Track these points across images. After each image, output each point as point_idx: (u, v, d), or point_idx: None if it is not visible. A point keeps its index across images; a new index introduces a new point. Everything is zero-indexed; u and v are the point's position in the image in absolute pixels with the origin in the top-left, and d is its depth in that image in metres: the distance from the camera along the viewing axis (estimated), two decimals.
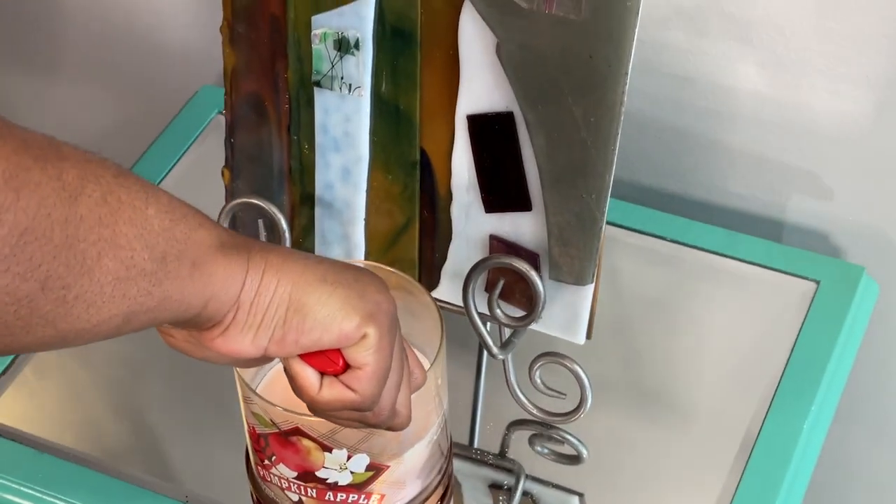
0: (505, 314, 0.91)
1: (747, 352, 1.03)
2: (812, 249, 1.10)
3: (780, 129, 1.08)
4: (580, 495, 0.99)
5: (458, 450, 1.00)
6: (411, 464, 0.88)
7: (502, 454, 1.00)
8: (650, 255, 1.08)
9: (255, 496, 0.93)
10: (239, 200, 0.93)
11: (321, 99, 0.91)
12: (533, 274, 0.88)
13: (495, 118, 0.87)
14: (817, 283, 1.05)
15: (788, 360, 1.01)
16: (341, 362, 0.75)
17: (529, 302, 0.91)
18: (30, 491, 0.95)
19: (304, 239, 0.96)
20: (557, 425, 0.98)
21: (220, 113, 1.18)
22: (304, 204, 0.95)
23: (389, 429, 0.79)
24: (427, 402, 0.87)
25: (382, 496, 0.88)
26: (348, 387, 0.75)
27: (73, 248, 0.62)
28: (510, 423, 1.00)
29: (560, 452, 0.99)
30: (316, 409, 0.77)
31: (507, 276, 0.90)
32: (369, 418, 0.76)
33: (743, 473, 0.95)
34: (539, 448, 0.99)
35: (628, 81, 0.83)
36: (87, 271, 0.63)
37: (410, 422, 0.80)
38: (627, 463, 0.99)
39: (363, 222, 0.94)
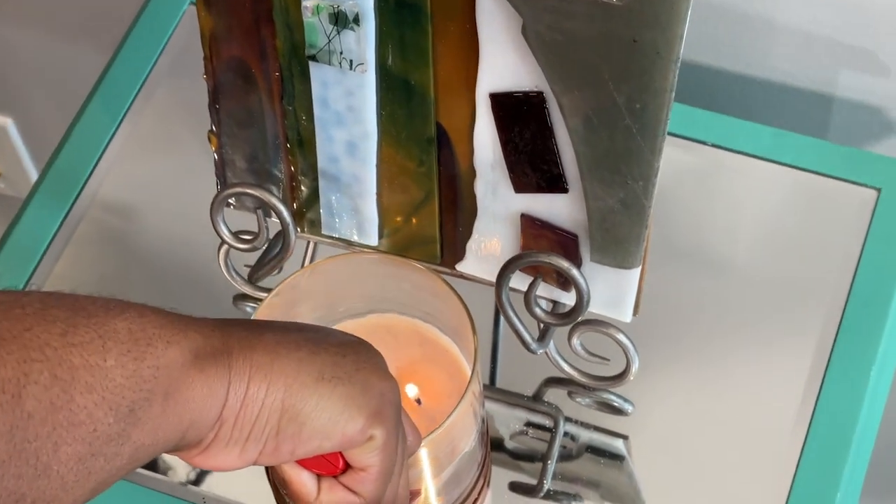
0: (544, 311, 0.81)
1: (805, 273, 0.93)
2: (864, 136, 0.99)
3: (831, 6, 0.95)
4: (625, 438, 0.92)
5: (489, 393, 0.92)
6: (448, 478, 0.80)
7: (537, 398, 0.92)
8: (688, 161, 0.97)
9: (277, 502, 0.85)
10: (231, 191, 0.81)
11: (318, 72, 0.79)
12: (576, 273, 0.78)
13: (523, 98, 0.76)
14: (878, 189, 0.94)
15: (853, 280, 0.91)
16: (341, 463, 0.65)
17: (567, 283, 0.81)
18: None
19: (307, 210, 0.85)
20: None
21: (192, 4, 1.05)
22: (305, 175, 0.84)
23: None
24: (465, 419, 0.78)
25: None
26: (350, 489, 0.66)
27: (24, 453, 0.53)
28: (546, 380, 0.91)
29: (602, 402, 0.91)
30: None
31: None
32: None
33: (808, 432, 0.87)
34: (579, 400, 0.91)
35: (678, 67, 0.71)
36: (44, 470, 0.54)
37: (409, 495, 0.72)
38: (674, 404, 0.91)
39: (375, 196, 0.83)
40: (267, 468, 0.85)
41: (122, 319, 0.58)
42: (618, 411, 0.91)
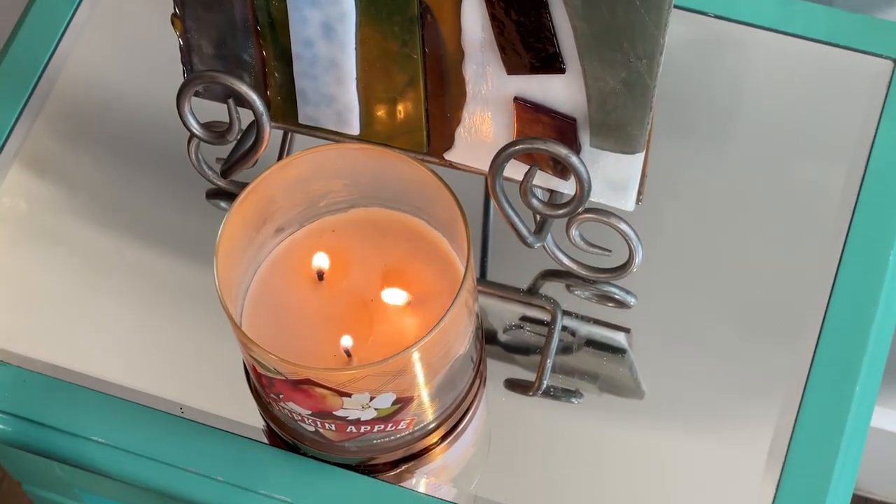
0: (541, 201, 0.75)
1: (818, 151, 0.87)
2: (876, 1, 0.93)
3: None
4: (626, 331, 0.86)
5: (481, 286, 0.86)
6: (442, 382, 0.75)
7: (533, 291, 0.86)
8: (688, 34, 0.91)
9: (262, 412, 0.80)
10: (198, 79, 0.75)
11: None
12: (575, 160, 0.71)
13: None
14: (893, 60, 0.88)
15: (869, 157, 0.85)
16: None
17: (565, 171, 0.75)
18: (7, 415, 0.82)
19: (282, 98, 0.79)
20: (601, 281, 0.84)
21: None
22: (278, 61, 0.77)
23: None
24: (459, 321, 0.73)
25: (412, 420, 0.76)
26: None
27: None
28: (543, 273, 0.86)
29: (602, 295, 0.85)
30: None
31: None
32: None
33: (831, 299, 0.82)
34: (578, 293, 0.86)
35: None
36: None
37: None
38: (680, 294, 0.85)
39: (354, 82, 0.77)
40: (248, 375, 0.80)
41: None
42: (620, 304, 0.85)
